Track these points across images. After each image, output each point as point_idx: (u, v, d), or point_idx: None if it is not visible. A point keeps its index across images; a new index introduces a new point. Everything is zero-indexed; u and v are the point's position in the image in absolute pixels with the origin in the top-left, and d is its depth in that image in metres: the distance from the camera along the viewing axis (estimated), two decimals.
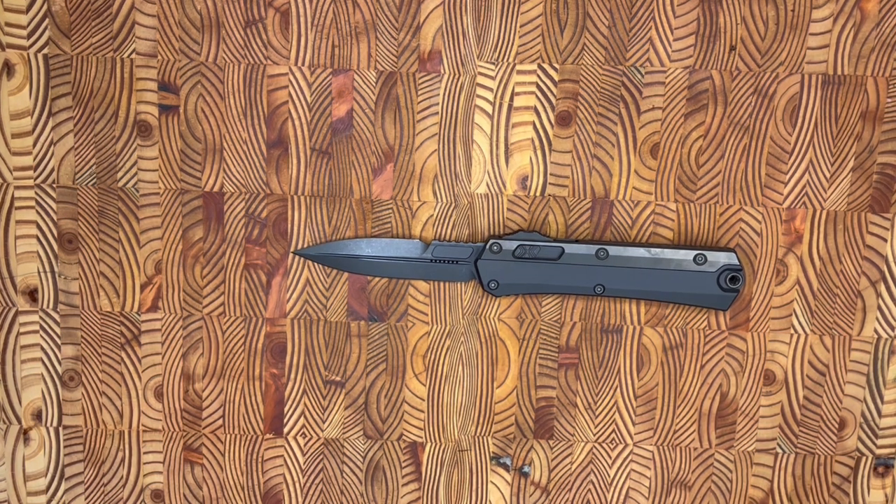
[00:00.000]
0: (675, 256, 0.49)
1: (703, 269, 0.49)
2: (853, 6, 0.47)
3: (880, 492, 0.52)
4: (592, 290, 0.49)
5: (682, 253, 0.49)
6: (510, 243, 0.49)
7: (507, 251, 0.49)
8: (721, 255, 0.49)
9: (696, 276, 0.49)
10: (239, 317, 0.51)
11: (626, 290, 0.49)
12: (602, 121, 0.49)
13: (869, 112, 0.48)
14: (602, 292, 0.49)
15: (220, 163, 0.49)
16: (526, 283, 0.49)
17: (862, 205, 0.49)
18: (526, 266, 0.49)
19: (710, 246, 0.49)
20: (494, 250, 0.49)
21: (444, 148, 0.49)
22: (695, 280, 0.49)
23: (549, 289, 0.49)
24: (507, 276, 0.49)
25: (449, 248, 0.49)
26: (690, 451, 0.52)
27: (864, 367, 0.51)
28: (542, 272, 0.49)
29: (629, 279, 0.49)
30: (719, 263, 0.49)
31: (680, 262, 0.49)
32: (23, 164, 0.49)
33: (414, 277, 0.49)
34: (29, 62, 0.48)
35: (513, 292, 0.49)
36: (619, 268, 0.49)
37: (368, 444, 0.52)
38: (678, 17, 0.48)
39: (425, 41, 0.48)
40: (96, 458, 0.52)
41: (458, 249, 0.49)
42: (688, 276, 0.49)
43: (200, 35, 0.48)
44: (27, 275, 0.50)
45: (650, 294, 0.49)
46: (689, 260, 0.49)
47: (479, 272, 0.49)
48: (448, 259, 0.49)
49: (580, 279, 0.49)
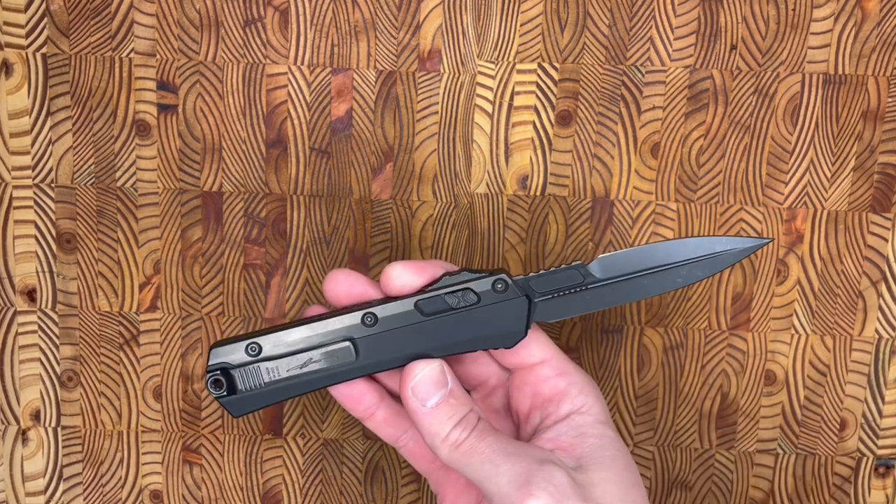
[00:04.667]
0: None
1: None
2: (854, 5, 0.47)
3: (881, 492, 0.52)
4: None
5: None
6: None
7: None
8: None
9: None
10: (238, 317, 0.51)
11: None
12: (602, 120, 0.49)
13: (870, 112, 0.48)
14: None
15: (218, 162, 0.49)
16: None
17: (863, 205, 0.49)
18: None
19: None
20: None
21: (443, 147, 0.49)
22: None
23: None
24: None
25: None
26: (691, 452, 0.52)
27: (864, 367, 0.50)
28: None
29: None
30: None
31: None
32: (21, 163, 0.49)
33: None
34: (27, 61, 0.48)
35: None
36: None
37: (368, 444, 0.52)
38: (679, 16, 0.48)
39: (425, 40, 0.48)
40: (95, 459, 0.52)
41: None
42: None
43: (199, 34, 0.48)
44: (25, 275, 0.50)
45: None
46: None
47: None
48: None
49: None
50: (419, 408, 0.41)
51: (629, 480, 0.40)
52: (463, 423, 0.40)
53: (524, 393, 0.44)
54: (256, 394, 0.42)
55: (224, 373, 0.42)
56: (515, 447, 0.40)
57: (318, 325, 0.42)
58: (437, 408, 0.41)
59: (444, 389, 0.41)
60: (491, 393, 0.45)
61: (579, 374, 0.43)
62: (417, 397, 0.41)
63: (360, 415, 0.44)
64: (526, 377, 0.43)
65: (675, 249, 0.43)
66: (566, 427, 0.42)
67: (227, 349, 0.42)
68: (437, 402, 0.41)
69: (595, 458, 0.40)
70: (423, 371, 0.41)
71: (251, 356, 0.42)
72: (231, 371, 0.42)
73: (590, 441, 0.41)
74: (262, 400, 0.42)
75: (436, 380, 0.41)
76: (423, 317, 0.42)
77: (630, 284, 0.43)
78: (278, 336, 0.42)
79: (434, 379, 0.41)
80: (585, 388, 0.42)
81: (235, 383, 0.42)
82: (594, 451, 0.41)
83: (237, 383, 0.42)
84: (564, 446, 0.41)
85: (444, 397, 0.41)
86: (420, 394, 0.41)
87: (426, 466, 0.45)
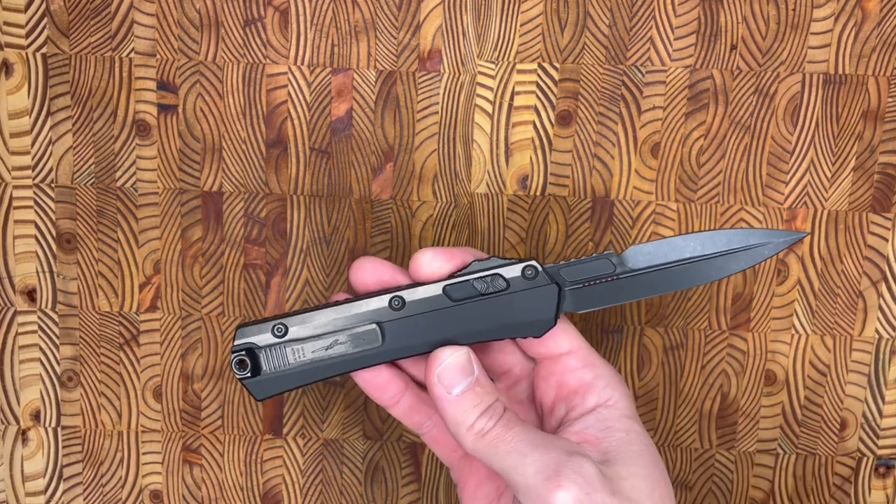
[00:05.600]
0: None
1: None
2: (854, 5, 0.47)
3: (881, 492, 0.52)
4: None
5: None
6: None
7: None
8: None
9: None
10: (238, 317, 0.51)
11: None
12: (602, 120, 0.49)
13: (870, 112, 0.48)
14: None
15: (219, 162, 0.49)
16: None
17: (863, 205, 0.49)
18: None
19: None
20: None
21: (443, 147, 0.49)
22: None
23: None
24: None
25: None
26: (691, 452, 0.52)
27: (865, 367, 0.50)
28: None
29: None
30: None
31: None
32: (21, 163, 0.49)
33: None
34: (27, 61, 0.48)
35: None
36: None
37: (368, 444, 0.52)
38: (679, 16, 0.48)
39: (425, 40, 0.48)
40: (95, 459, 0.52)
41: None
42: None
43: (199, 34, 0.48)
44: (25, 275, 0.50)
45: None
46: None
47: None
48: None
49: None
50: (444, 395, 0.40)
51: (657, 476, 0.40)
52: (489, 412, 0.40)
53: (549, 384, 0.43)
54: (281, 375, 0.42)
55: (249, 353, 0.42)
56: (543, 438, 0.39)
57: (345, 307, 0.42)
58: (463, 395, 0.40)
59: (470, 377, 0.41)
60: (515, 383, 0.45)
61: (606, 367, 0.42)
62: (443, 384, 0.40)
63: (385, 402, 0.43)
64: (552, 368, 0.43)
65: (709, 241, 0.42)
66: (593, 420, 0.41)
67: (254, 329, 0.42)
68: (462, 389, 0.40)
69: (622, 453, 0.40)
70: (449, 357, 0.41)
71: (277, 337, 0.42)
72: (256, 352, 0.42)
73: (617, 435, 0.40)
74: (285, 382, 0.42)
75: (462, 367, 0.41)
76: (451, 302, 0.41)
77: (662, 275, 0.42)
78: (305, 318, 0.42)
79: (461, 366, 0.41)
80: (612, 382, 0.42)
81: (260, 364, 0.42)
82: (621, 445, 0.40)
83: (262, 364, 0.42)
84: (591, 439, 0.40)
85: (470, 385, 0.40)
86: (446, 381, 0.40)
87: (448, 454, 0.45)
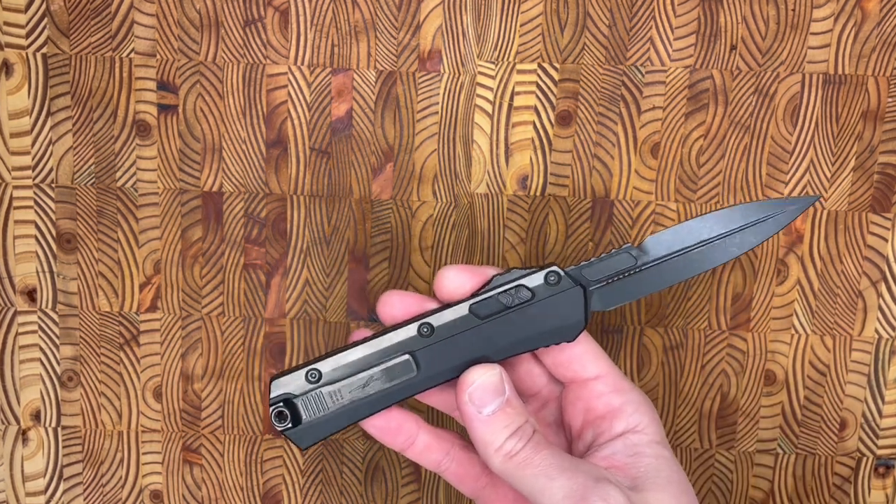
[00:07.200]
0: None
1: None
2: (854, 5, 0.47)
3: (881, 492, 0.52)
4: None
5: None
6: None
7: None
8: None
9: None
10: (238, 317, 0.51)
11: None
12: (602, 120, 0.49)
13: (870, 112, 0.48)
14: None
15: (219, 162, 0.49)
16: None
17: (863, 205, 0.49)
18: None
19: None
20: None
21: (443, 148, 0.49)
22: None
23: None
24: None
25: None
26: (691, 452, 0.52)
27: (864, 367, 0.50)
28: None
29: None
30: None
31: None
32: (21, 163, 0.49)
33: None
34: (27, 61, 0.48)
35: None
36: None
37: (368, 444, 0.52)
38: (679, 16, 0.48)
39: (425, 40, 0.48)
40: (95, 459, 0.52)
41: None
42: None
43: (199, 34, 0.48)
44: (26, 275, 0.50)
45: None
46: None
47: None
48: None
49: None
50: (475, 414, 0.40)
51: (685, 503, 0.40)
52: (518, 434, 0.39)
53: (577, 408, 0.43)
54: (322, 420, 0.41)
55: (287, 404, 0.41)
56: (571, 462, 0.39)
57: (375, 342, 0.41)
58: (494, 416, 0.40)
59: (501, 397, 0.40)
60: (544, 405, 0.45)
61: (635, 392, 0.42)
62: (474, 404, 0.40)
63: (401, 446, 0.43)
64: (579, 392, 0.43)
65: (725, 218, 0.42)
66: (621, 446, 0.41)
67: (287, 379, 0.41)
68: (493, 409, 0.40)
69: (651, 479, 0.39)
70: (481, 377, 0.40)
71: (312, 383, 0.41)
72: (294, 401, 0.41)
73: (645, 461, 0.40)
74: (327, 428, 0.42)
75: (494, 387, 0.40)
76: (479, 320, 0.41)
77: (684, 260, 0.42)
78: (337, 359, 0.41)
79: (493, 386, 0.40)
80: (641, 407, 0.42)
81: (300, 413, 0.41)
82: (650, 471, 0.40)
83: (301, 413, 0.41)
84: (619, 465, 0.40)
85: (501, 405, 0.40)
86: (477, 400, 0.40)
87: (472, 487, 0.44)
